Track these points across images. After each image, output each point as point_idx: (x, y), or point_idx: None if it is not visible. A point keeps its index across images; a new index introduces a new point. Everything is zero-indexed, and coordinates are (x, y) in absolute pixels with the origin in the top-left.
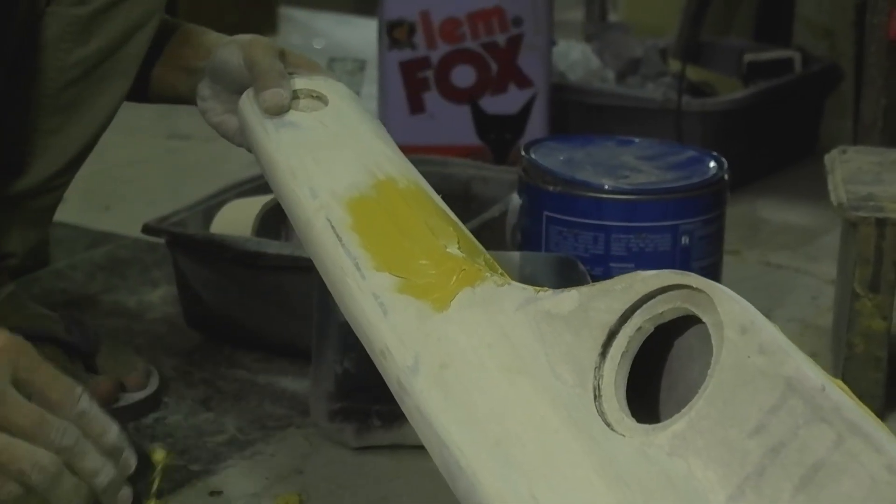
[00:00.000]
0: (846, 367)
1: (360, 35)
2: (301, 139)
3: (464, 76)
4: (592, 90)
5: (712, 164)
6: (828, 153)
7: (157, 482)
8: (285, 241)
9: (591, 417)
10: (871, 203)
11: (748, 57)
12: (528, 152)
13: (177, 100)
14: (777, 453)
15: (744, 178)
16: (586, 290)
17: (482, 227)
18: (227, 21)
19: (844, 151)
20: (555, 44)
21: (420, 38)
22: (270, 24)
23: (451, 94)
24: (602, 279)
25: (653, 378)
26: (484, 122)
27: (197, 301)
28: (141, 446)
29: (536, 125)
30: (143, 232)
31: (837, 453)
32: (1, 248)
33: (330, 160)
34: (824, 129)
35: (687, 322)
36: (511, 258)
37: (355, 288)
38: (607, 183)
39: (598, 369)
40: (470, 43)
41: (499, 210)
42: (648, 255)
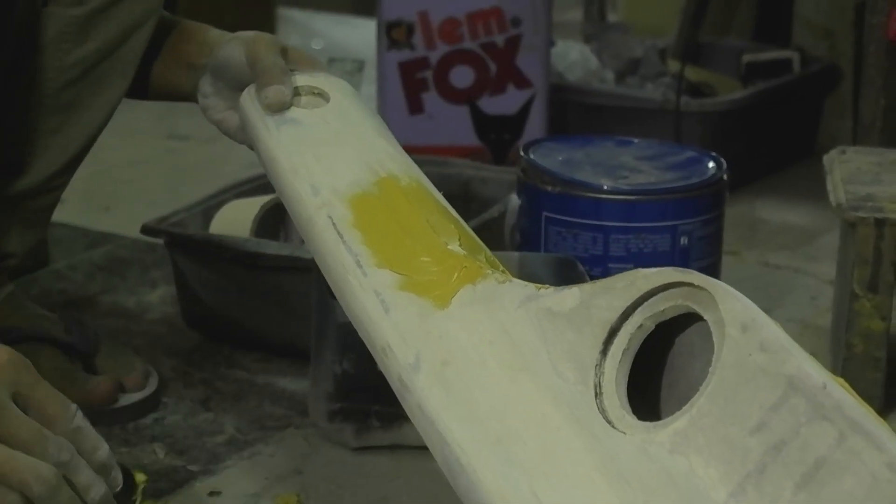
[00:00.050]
0: (845, 368)
1: (359, 35)
2: (302, 136)
3: (463, 76)
4: (591, 90)
5: (711, 164)
6: (827, 153)
7: (139, 502)
8: (284, 241)
9: (593, 415)
10: (870, 203)
11: (747, 57)
12: (526, 153)
13: (177, 97)
14: (778, 451)
15: (743, 178)
16: (588, 287)
17: (481, 227)
18: (226, 21)
19: (843, 152)
20: (554, 44)
21: (419, 39)
22: (269, 25)
23: (450, 94)
24: None
25: (654, 375)
26: (483, 122)
27: (196, 301)
28: (123, 467)
29: (535, 125)
30: (142, 232)
31: (839, 451)
32: (0, 248)
33: (331, 157)
34: (823, 130)
35: (688, 319)
36: (510, 258)
37: (357, 285)
38: (606, 183)
39: (599, 367)
40: (469, 43)
41: (498, 210)
42: (647, 256)
